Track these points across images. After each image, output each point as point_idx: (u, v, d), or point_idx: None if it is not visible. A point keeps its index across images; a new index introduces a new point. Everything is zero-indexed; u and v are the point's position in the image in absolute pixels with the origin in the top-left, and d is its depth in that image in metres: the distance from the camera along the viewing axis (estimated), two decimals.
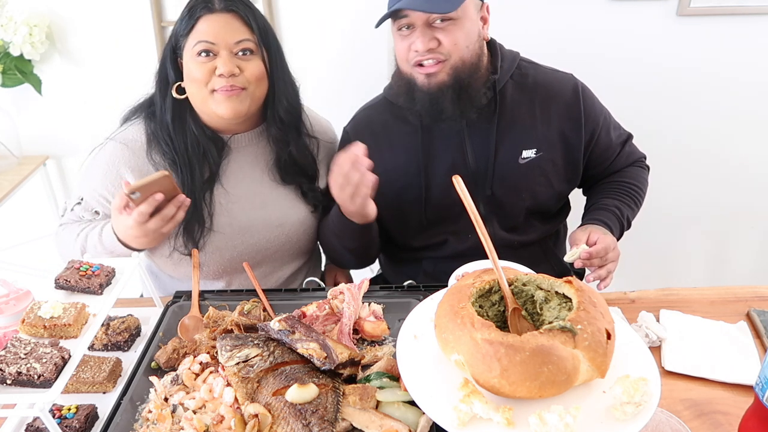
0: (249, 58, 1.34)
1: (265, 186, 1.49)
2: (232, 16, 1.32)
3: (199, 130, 1.42)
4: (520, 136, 1.45)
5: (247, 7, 1.35)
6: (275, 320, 1.05)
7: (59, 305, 1.00)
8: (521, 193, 1.48)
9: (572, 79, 1.51)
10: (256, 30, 1.34)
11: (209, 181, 1.44)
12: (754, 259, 2.67)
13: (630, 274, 2.36)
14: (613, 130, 1.56)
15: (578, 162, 1.51)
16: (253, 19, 1.34)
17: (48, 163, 2.35)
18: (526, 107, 1.46)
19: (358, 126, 1.54)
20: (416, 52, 1.33)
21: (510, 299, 0.92)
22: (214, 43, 1.31)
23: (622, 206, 1.51)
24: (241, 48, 1.32)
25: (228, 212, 1.46)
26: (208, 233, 1.44)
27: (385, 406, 0.94)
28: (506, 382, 0.77)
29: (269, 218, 1.48)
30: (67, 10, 2.10)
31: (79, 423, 0.98)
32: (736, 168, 2.44)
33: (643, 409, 0.79)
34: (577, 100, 1.48)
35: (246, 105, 1.36)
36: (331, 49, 2.20)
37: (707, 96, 2.30)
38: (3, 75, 2.10)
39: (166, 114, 1.40)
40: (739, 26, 2.17)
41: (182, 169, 1.40)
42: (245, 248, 1.47)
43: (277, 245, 1.51)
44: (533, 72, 1.49)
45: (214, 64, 1.32)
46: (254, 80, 1.35)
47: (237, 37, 1.32)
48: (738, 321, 1.26)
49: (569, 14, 2.15)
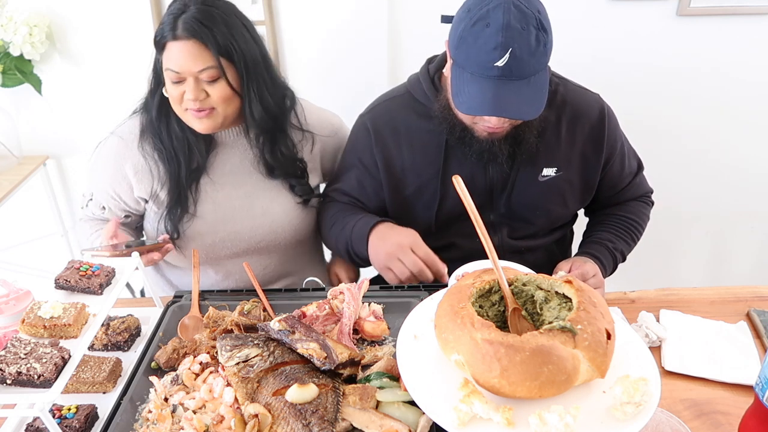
0: (214, 83, 1.35)
1: (253, 177, 1.52)
2: (194, 43, 1.31)
3: (184, 127, 1.45)
4: (543, 153, 1.43)
5: (208, 30, 1.32)
6: (275, 320, 1.05)
7: (59, 305, 1.00)
8: (536, 211, 1.48)
9: (599, 100, 1.49)
10: (217, 54, 1.33)
11: (196, 171, 1.48)
12: (754, 259, 2.67)
13: (630, 274, 2.36)
14: (627, 159, 1.54)
15: (594, 184, 1.50)
16: (214, 44, 1.32)
17: (48, 163, 2.35)
18: (553, 125, 1.43)
19: (378, 118, 1.48)
20: (487, 125, 1.30)
21: (510, 299, 0.92)
22: (179, 72, 1.33)
23: (617, 240, 1.51)
24: (205, 77, 1.34)
25: (212, 199, 1.50)
26: (191, 219, 1.48)
27: (385, 406, 0.94)
28: (506, 382, 0.77)
29: (253, 207, 1.51)
30: (67, 10, 2.10)
31: (79, 423, 0.98)
32: (736, 168, 2.44)
33: (643, 409, 0.79)
34: (603, 123, 1.45)
35: (219, 121, 1.41)
36: (331, 49, 2.20)
37: (707, 96, 2.30)
38: (3, 75, 2.10)
39: (153, 111, 1.45)
40: (739, 26, 2.17)
41: (169, 161, 1.46)
42: (227, 235, 1.51)
43: (261, 235, 1.53)
44: (562, 89, 1.46)
45: (182, 88, 1.35)
46: (221, 102, 1.37)
47: (199, 66, 1.32)
48: (738, 321, 1.26)
49: (569, 14, 2.15)
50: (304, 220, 1.58)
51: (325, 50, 2.20)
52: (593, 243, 1.51)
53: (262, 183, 1.52)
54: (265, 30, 2.11)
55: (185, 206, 1.47)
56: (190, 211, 1.48)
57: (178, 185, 1.46)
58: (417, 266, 1.29)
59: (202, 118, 1.38)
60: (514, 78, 1.18)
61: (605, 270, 1.46)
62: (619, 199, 1.59)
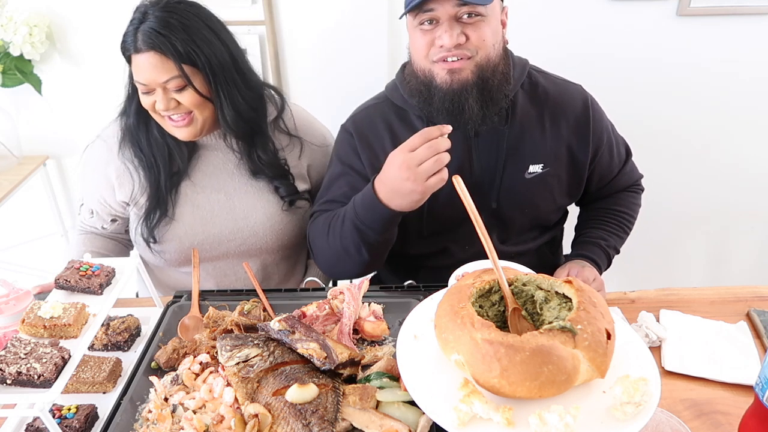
0: (182, 92, 1.34)
1: (235, 180, 1.51)
2: (154, 55, 1.30)
3: (164, 133, 1.44)
4: (528, 150, 1.40)
5: (166, 39, 1.29)
6: (275, 320, 1.05)
7: (59, 305, 1.00)
8: (524, 208, 1.45)
9: (582, 91, 1.46)
10: (179, 63, 1.31)
11: (176, 176, 1.47)
12: (754, 259, 2.67)
13: (630, 274, 2.37)
14: (616, 148, 1.52)
15: (582, 178, 1.48)
16: (174, 53, 1.29)
17: (48, 163, 2.35)
18: (536, 120, 1.41)
19: (360, 124, 1.46)
20: (441, 47, 1.25)
21: (510, 299, 0.92)
22: (146, 84, 1.33)
23: (610, 237, 1.51)
24: (172, 86, 1.33)
25: (192, 202, 1.49)
26: (169, 222, 1.47)
27: (385, 406, 0.94)
28: (506, 382, 0.77)
29: (234, 209, 1.50)
30: (67, 10, 2.10)
31: (79, 423, 0.98)
32: (736, 168, 2.44)
33: (643, 409, 0.79)
34: (587, 115, 1.43)
35: (198, 127, 1.40)
36: (331, 49, 2.20)
37: (707, 96, 2.30)
38: (3, 75, 2.10)
39: (131, 117, 1.44)
40: (739, 26, 2.17)
41: (149, 168, 1.45)
42: (206, 237, 1.49)
43: (241, 239, 1.51)
44: (543, 82, 1.44)
45: (154, 98, 1.34)
46: (194, 107, 1.36)
47: (164, 77, 1.31)
48: (738, 321, 1.26)
49: (569, 14, 2.15)
50: (287, 225, 1.54)
51: (324, 50, 2.20)
52: (587, 243, 1.51)
53: (244, 186, 1.50)
54: (265, 30, 2.11)
55: (164, 210, 1.46)
56: (168, 215, 1.46)
57: (157, 191, 1.45)
58: (424, 151, 1.14)
59: (181, 127, 1.38)
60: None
61: (601, 269, 1.46)
62: (610, 190, 1.58)
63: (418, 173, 1.14)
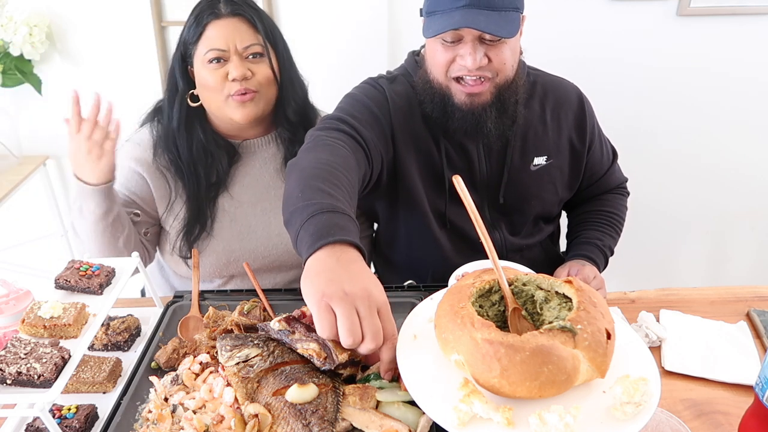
0: (258, 61, 1.35)
1: (271, 193, 1.50)
2: (239, 20, 1.32)
3: (209, 138, 1.43)
4: (532, 142, 1.44)
5: (254, 9, 1.35)
6: (275, 320, 1.04)
7: (59, 305, 1.00)
8: (531, 200, 1.49)
9: (575, 86, 1.51)
10: (263, 33, 1.34)
11: (215, 186, 1.44)
12: (754, 259, 2.67)
13: (630, 274, 2.37)
14: (604, 146, 1.57)
15: (581, 170, 1.52)
16: (259, 21, 1.34)
17: (48, 163, 2.35)
18: (538, 113, 1.45)
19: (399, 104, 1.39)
20: (463, 66, 1.25)
21: (510, 299, 0.92)
22: (224, 50, 1.32)
23: (605, 237, 1.53)
24: (251, 52, 1.34)
25: (230, 216, 1.46)
26: (207, 237, 1.45)
27: (385, 406, 0.94)
28: (506, 382, 0.77)
29: (269, 225, 1.49)
30: (67, 10, 2.10)
31: (79, 423, 0.98)
32: (735, 168, 2.44)
33: (643, 409, 0.79)
34: (583, 109, 1.48)
35: (260, 107, 1.39)
36: (331, 48, 2.20)
37: (707, 96, 2.30)
38: (3, 75, 2.10)
39: (173, 122, 1.41)
40: (739, 26, 2.17)
41: (187, 176, 1.42)
42: (243, 253, 1.47)
43: (276, 254, 1.50)
44: (540, 80, 1.48)
45: (225, 69, 1.33)
46: (265, 83, 1.37)
47: (246, 42, 1.32)
48: (738, 321, 1.26)
49: (569, 14, 2.15)
50: None
51: (325, 49, 2.20)
52: (584, 243, 1.53)
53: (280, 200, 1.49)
54: None
55: (203, 224, 1.43)
56: (206, 229, 1.44)
57: (197, 202, 1.42)
58: (375, 328, 0.88)
59: (246, 102, 1.35)
60: (483, 7, 1.19)
61: (599, 268, 1.48)
62: (598, 191, 1.61)
63: (344, 313, 0.89)
